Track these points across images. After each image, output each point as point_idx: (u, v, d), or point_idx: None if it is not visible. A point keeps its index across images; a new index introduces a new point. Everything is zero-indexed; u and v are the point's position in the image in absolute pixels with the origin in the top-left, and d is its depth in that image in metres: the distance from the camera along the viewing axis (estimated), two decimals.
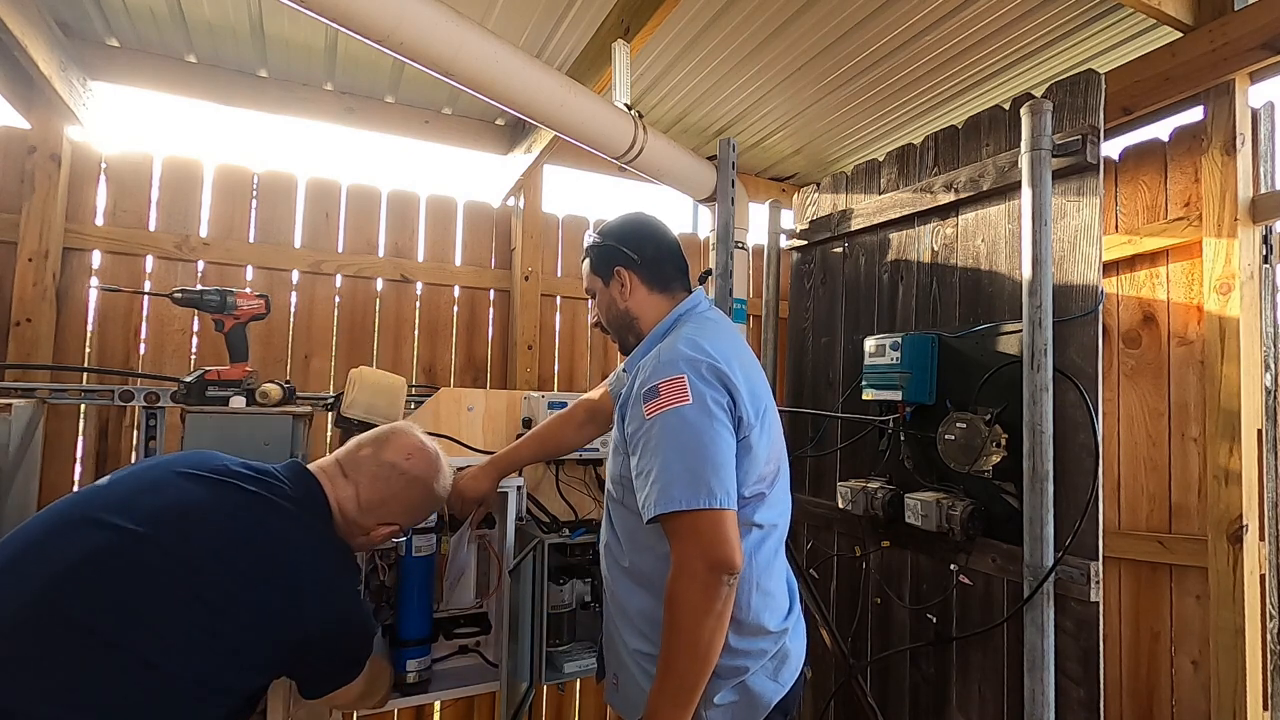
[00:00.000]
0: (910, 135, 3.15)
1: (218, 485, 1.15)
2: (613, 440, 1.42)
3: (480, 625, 1.94)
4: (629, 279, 1.44)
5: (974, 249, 1.90)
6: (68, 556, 1.01)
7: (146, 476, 1.16)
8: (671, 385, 1.21)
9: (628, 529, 1.36)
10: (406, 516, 1.38)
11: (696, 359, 1.24)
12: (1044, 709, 1.52)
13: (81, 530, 1.05)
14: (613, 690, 1.42)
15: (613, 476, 1.40)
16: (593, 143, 2.12)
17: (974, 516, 1.73)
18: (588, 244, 1.52)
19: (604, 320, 1.51)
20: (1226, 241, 2.08)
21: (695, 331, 1.34)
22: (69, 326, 2.37)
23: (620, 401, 1.36)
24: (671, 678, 1.16)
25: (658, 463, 1.18)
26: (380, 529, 1.33)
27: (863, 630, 2.13)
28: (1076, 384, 1.57)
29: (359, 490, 1.30)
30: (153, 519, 1.07)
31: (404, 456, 1.36)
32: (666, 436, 1.19)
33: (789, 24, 2.33)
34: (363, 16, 1.50)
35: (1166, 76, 2.14)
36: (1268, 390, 2.10)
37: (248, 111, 2.70)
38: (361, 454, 1.34)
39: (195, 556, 1.05)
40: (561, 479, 2.14)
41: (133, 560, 1.02)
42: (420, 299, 2.93)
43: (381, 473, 1.32)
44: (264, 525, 1.14)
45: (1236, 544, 2.00)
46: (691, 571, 1.14)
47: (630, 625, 1.34)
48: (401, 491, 1.34)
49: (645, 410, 1.21)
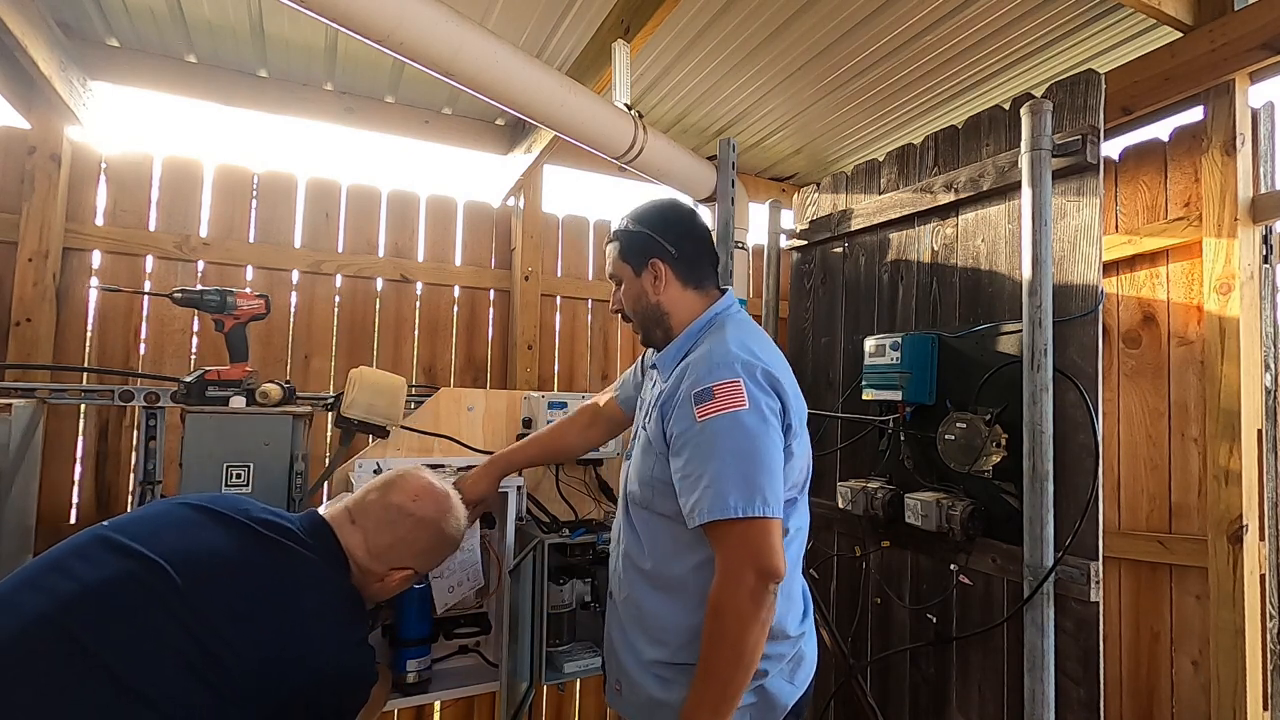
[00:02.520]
0: (910, 135, 3.15)
1: (241, 529, 1.15)
2: (640, 440, 1.37)
3: (480, 625, 1.94)
4: (664, 272, 1.38)
5: (974, 249, 1.90)
6: (86, 577, 1.01)
7: (172, 514, 1.16)
8: (727, 389, 1.18)
9: (652, 532, 1.32)
10: (419, 560, 1.35)
11: (751, 363, 1.22)
12: (1044, 709, 1.52)
13: (105, 554, 1.05)
14: (615, 695, 1.40)
15: (641, 478, 1.33)
16: (593, 143, 2.12)
17: (974, 516, 1.73)
18: (619, 228, 1.44)
19: (630, 310, 1.44)
20: (1226, 241, 2.08)
21: (740, 334, 1.31)
22: (69, 326, 2.37)
23: (659, 399, 1.31)
24: (714, 685, 1.14)
25: (711, 467, 1.15)
26: (393, 574, 1.30)
27: (863, 630, 2.13)
28: (1076, 384, 1.57)
29: (366, 536, 1.28)
30: (174, 554, 1.06)
31: (410, 498, 1.34)
32: (721, 441, 1.16)
33: (789, 24, 2.33)
34: (363, 16, 1.50)
35: (1166, 76, 2.14)
36: (1268, 390, 2.10)
37: (248, 111, 2.70)
38: (368, 499, 1.32)
39: (210, 597, 1.05)
40: (561, 479, 2.14)
41: (149, 592, 1.02)
42: (420, 299, 2.93)
43: (388, 516, 1.30)
44: (280, 573, 1.14)
45: (1236, 544, 2.00)
46: (741, 579, 1.13)
47: (645, 633, 1.31)
48: (410, 534, 1.31)
49: (697, 412, 1.18)
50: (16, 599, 0.99)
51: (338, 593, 1.21)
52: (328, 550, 1.23)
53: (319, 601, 1.16)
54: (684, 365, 1.29)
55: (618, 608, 1.40)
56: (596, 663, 1.89)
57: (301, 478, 1.78)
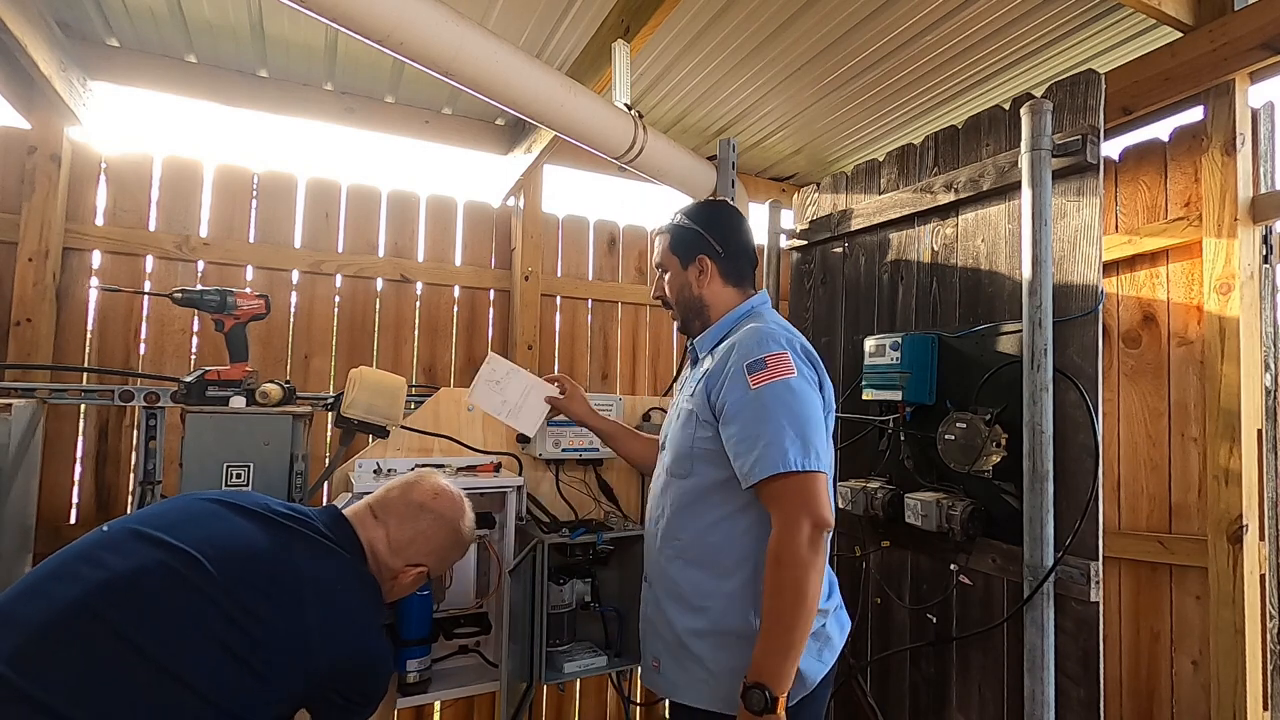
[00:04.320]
0: (910, 135, 3.15)
1: (264, 520, 1.19)
2: (680, 416, 1.45)
3: (480, 625, 1.94)
4: (710, 268, 1.50)
5: (974, 249, 1.90)
6: (118, 567, 1.04)
7: (193, 507, 1.20)
8: (777, 359, 1.31)
9: (690, 503, 1.40)
10: (434, 558, 1.40)
11: (793, 339, 1.37)
12: (1044, 709, 1.52)
13: (135, 545, 1.08)
14: (652, 673, 1.47)
15: (680, 450, 1.42)
16: (593, 143, 2.12)
17: (974, 516, 1.73)
18: (673, 222, 1.56)
19: (672, 299, 1.56)
20: (1226, 241, 2.08)
21: (778, 319, 1.47)
22: (69, 326, 2.37)
23: (704, 375, 1.40)
24: (779, 631, 1.22)
25: (768, 428, 1.25)
26: (408, 571, 1.35)
27: (863, 630, 2.13)
28: (1076, 384, 1.57)
29: (389, 531, 1.34)
30: (203, 544, 1.10)
31: (430, 497, 1.41)
32: (777, 404, 1.27)
33: (789, 24, 2.33)
34: (363, 16, 1.50)
35: (1166, 76, 2.14)
36: (1268, 390, 2.10)
37: (248, 111, 2.70)
38: (390, 496, 1.39)
39: (242, 583, 1.08)
40: (561, 479, 2.14)
41: (182, 579, 1.05)
42: (420, 299, 2.93)
43: (409, 512, 1.37)
44: (305, 559, 1.18)
45: (1236, 544, 2.00)
46: (799, 528, 1.22)
47: (683, 604, 1.39)
48: (429, 530, 1.38)
49: (751, 380, 1.29)
50: (45, 587, 1.02)
51: (360, 579, 1.26)
52: (349, 541, 1.28)
53: (345, 588, 1.20)
54: (728, 345, 1.39)
55: (652, 587, 1.48)
56: (596, 663, 1.90)
57: (301, 478, 1.78)
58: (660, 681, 1.44)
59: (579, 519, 2.09)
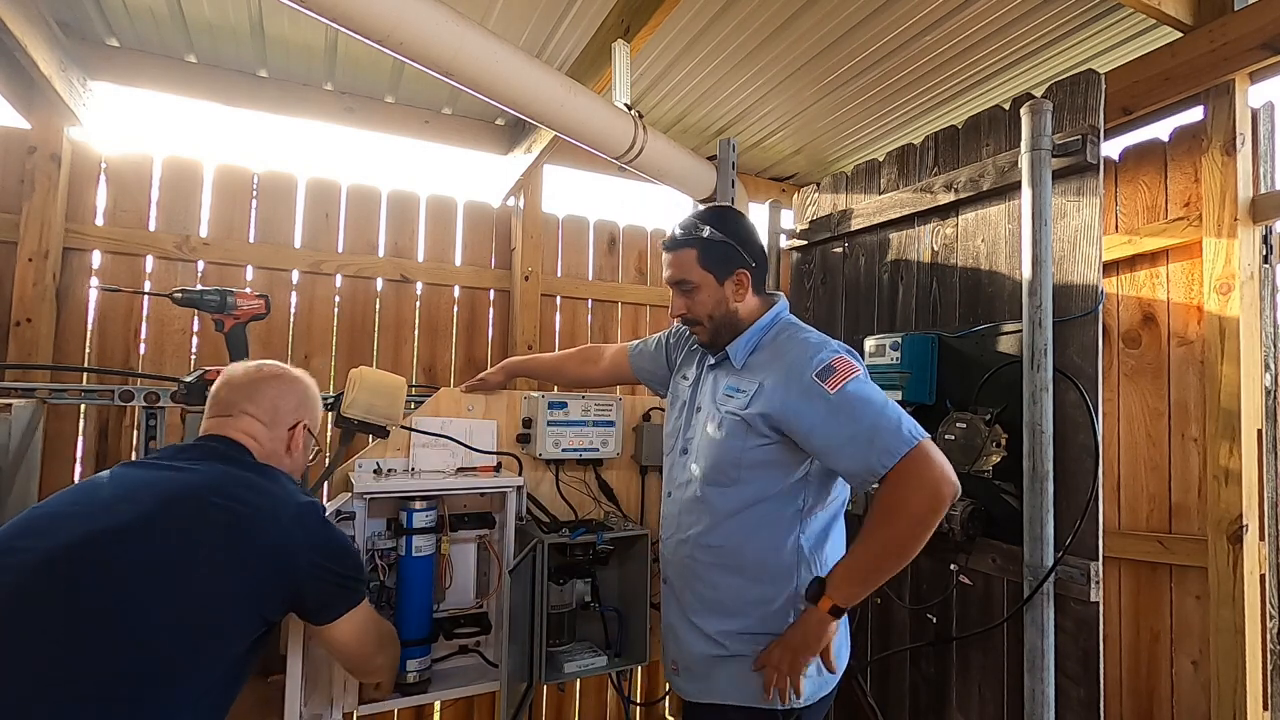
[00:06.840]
0: (910, 135, 3.15)
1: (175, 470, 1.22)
2: (723, 422, 1.43)
3: (480, 625, 1.93)
4: (746, 282, 1.49)
5: (974, 249, 1.90)
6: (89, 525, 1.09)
7: (126, 477, 1.21)
8: (843, 361, 1.35)
9: (732, 510, 1.40)
10: (305, 410, 1.43)
11: (838, 345, 1.41)
12: (1044, 709, 1.52)
13: (111, 504, 1.13)
14: (673, 674, 1.50)
15: (726, 460, 1.41)
16: (593, 143, 2.12)
17: (974, 516, 1.73)
18: (699, 235, 1.47)
19: (707, 315, 1.49)
20: (1226, 241, 2.08)
21: (810, 329, 1.50)
22: (69, 326, 2.37)
23: (757, 388, 1.39)
24: (866, 559, 1.28)
25: (869, 421, 1.27)
26: (291, 435, 1.39)
27: (863, 630, 2.13)
28: (1076, 384, 1.57)
29: (255, 413, 1.35)
30: (146, 499, 1.14)
31: (254, 371, 1.42)
32: (866, 397, 1.30)
33: (789, 24, 2.33)
34: (363, 16, 1.50)
35: (1166, 76, 2.14)
36: (1268, 390, 2.10)
37: (248, 111, 2.70)
38: (222, 395, 1.38)
39: (186, 525, 1.13)
40: (561, 479, 2.14)
41: (145, 533, 1.10)
42: (420, 299, 2.93)
43: (250, 392, 1.37)
44: (223, 482, 1.21)
45: (1236, 544, 2.00)
46: (934, 489, 1.24)
47: (720, 610, 1.41)
48: (278, 393, 1.39)
49: (828, 386, 1.31)
50: (21, 544, 1.07)
51: (269, 474, 1.29)
52: (233, 447, 1.30)
53: (266, 489, 1.24)
54: (769, 355, 1.44)
55: (675, 593, 1.50)
56: (597, 663, 1.89)
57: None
58: (681, 683, 1.47)
59: (579, 519, 2.09)
